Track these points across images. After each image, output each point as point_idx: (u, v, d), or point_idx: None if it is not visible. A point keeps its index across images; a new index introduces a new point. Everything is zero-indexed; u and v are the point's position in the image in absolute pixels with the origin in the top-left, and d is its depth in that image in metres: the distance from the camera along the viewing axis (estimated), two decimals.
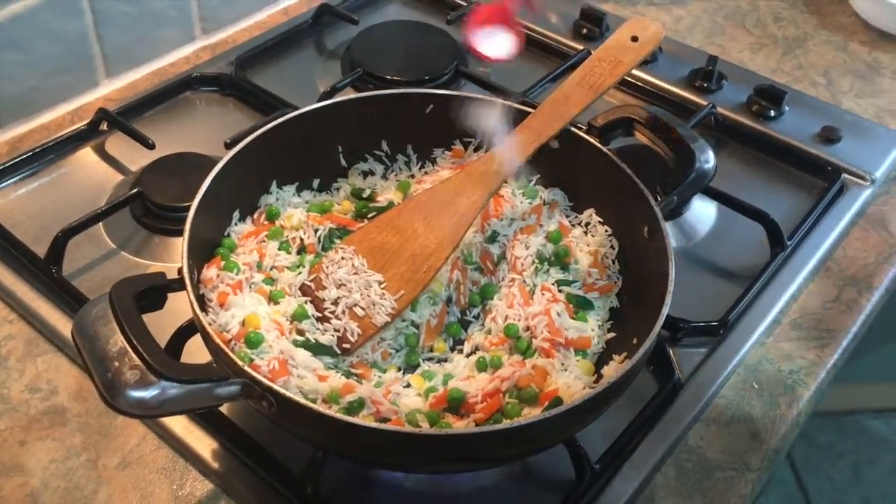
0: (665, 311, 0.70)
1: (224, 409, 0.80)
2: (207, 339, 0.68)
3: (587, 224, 0.89)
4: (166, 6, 1.19)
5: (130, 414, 0.62)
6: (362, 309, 0.79)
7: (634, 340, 0.74)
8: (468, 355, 0.81)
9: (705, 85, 1.20)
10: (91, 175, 1.05)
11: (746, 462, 0.81)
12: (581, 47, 1.25)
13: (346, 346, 0.78)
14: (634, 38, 0.89)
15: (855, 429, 2.17)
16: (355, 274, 0.80)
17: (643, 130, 0.87)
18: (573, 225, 0.89)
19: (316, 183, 0.91)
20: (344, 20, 1.29)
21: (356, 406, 0.71)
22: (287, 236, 0.86)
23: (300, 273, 0.82)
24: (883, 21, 1.37)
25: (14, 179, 1.04)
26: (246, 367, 0.64)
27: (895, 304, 1.06)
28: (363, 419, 0.69)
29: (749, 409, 0.85)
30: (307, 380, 0.72)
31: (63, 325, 0.86)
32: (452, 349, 0.82)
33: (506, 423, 0.64)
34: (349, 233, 0.86)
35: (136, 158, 1.06)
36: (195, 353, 0.78)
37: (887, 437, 2.16)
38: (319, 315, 0.79)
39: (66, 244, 0.91)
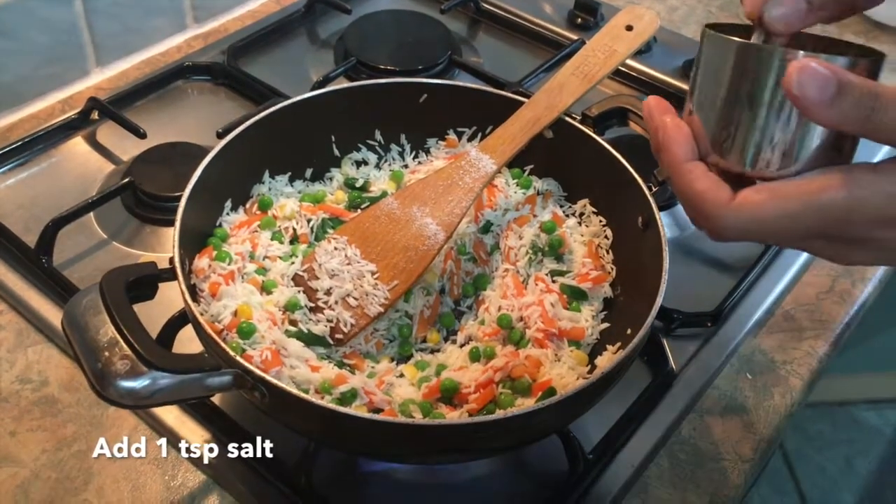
0: (659, 301, 0.70)
1: (216, 399, 0.79)
2: (199, 329, 0.67)
3: (581, 214, 0.88)
4: None
5: (121, 404, 0.62)
6: (355, 299, 0.78)
7: (628, 331, 0.74)
8: (462, 346, 0.80)
9: None
10: (82, 165, 1.05)
11: (739, 452, 0.81)
12: (576, 37, 1.25)
13: (339, 336, 0.78)
14: (629, 28, 0.89)
15: (847, 420, 2.18)
16: (348, 264, 0.80)
17: (638, 120, 0.86)
18: (567, 215, 0.89)
19: (309, 172, 0.91)
20: (337, 9, 1.28)
21: (349, 397, 0.70)
22: (280, 226, 0.85)
23: (293, 263, 0.81)
24: (877, 11, 1.37)
25: (4, 169, 1.03)
26: (238, 358, 0.64)
27: (888, 295, 1.06)
28: (356, 410, 0.69)
29: (742, 400, 0.85)
30: (299, 370, 0.72)
31: (54, 315, 0.85)
32: (446, 339, 0.82)
33: (499, 414, 0.63)
34: (342, 223, 0.85)
35: (128, 148, 1.05)
36: (187, 343, 0.77)
37: (880, 427, 2.16)
38: (312, 305, 0.79)
39: (57, 234, 0.90)
